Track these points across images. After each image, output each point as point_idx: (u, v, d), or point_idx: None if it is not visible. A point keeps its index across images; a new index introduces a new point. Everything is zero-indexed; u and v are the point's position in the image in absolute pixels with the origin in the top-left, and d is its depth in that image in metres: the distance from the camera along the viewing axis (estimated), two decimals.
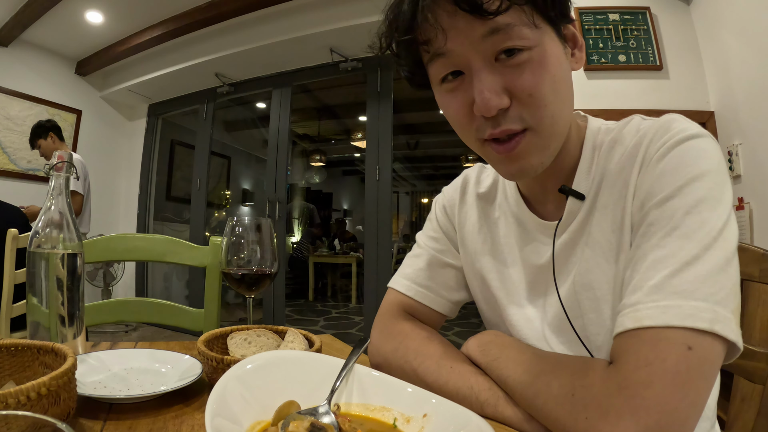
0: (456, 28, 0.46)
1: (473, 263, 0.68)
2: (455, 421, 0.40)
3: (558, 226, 0.56)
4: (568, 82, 0.51)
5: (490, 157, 0.53)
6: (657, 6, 2.17)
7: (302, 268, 6.37)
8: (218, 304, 1.09)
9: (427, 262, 0.71)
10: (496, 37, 0.46)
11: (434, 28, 0.47)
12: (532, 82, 0.47)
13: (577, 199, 0.54)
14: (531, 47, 0.46)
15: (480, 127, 0.50)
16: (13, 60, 3.69)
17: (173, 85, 4.12)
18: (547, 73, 0.47)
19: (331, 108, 5.97)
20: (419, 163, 8.89)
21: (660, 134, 0.49)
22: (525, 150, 0.49)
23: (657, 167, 0.47)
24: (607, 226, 0.52)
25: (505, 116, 0.48)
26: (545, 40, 0.47)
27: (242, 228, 0.74)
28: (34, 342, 0.48)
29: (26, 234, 1.19)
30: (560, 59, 0.49)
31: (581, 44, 0.53)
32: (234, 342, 0.61)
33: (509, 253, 0.64)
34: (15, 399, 0.35)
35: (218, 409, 0.35)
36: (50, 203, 0.59)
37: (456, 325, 4.59)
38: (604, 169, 0.54)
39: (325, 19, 3.09)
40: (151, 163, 4.55)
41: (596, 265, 0.53)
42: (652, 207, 0.46)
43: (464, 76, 0.49)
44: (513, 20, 0.45)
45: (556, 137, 0.51)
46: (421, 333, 0.64)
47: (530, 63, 0.46)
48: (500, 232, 0.65)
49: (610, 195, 0.52)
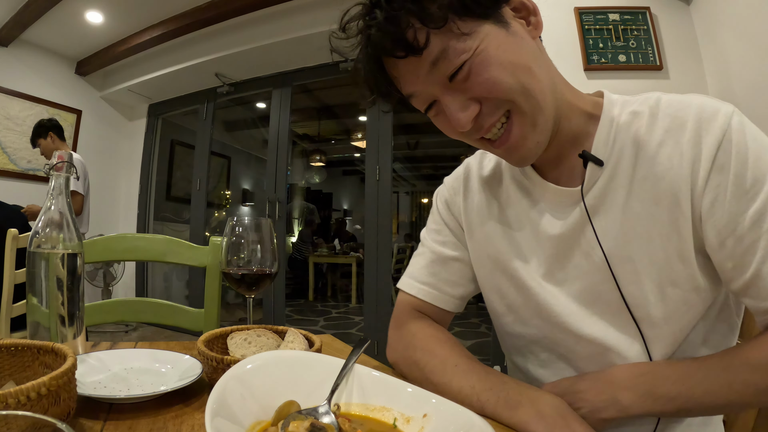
0: (404, 72, 0.52)
1: (485, 249, 0.67)
2: (455, 422, 0.40)
3: (582, 191, 0.55)
4: (527, 54, 0.52)
5: (493, 152, 0.57)
6: (657, 6, 2.17)
7: (302, 268, 6.37)
8: (218, 304, 1.09)
9: (429, 259, 0.71)
10: (439, 66, 0.50)
11: (389, 82, 0.55)
12: (483, 81, 0.49)
13: (596, 166, 0.54)
14: (468, 59, 0.49)
15: (470, 133, 0.54)
16: (13, 60, 3.69)
17: (173, 85, 4.11)
18: (492, 65, 0.49)
19: (331, 108, 5.97)
20: (419, 163, 8.89)
21: (709, 120, 0.50)
22: (518, 136, 0.52)
23: (738, 157, 0.48)
24: (648, 198, 0.52)
25: (482, 115, 0.52)
26: (479, 40, 0.49)
27: (242, 228, 0.74)
28: (34, 342, 0.48)
29: (26, 234, 1.19)
30: (505, 44, 0.50)
31: (532, 7, 0.54)
32: (234, 342, 0.61)
33: (524, 230, 0.63)
34: (15, 399, 0.35)
35: (218, 409, 0.35)
36: (50, 203, 0.59)
37: (456, 325, 4.58)
38: (634, 141, 0.54)
39: (325, 19, 3.08)
40: (151, 163, 4.55)
41: (636, 237, 0.53)
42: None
43: (438, 102, 0.54)
44: (443, 44, 0.49)
45: (540, 109, 0.52)
46: (427, 332, 0.65)
47: (473, 69, 0.49)
48: (512, 210, 0.65)
49: (651, 168, 0.52)
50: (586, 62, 2.13)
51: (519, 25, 0.53)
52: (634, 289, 0.53)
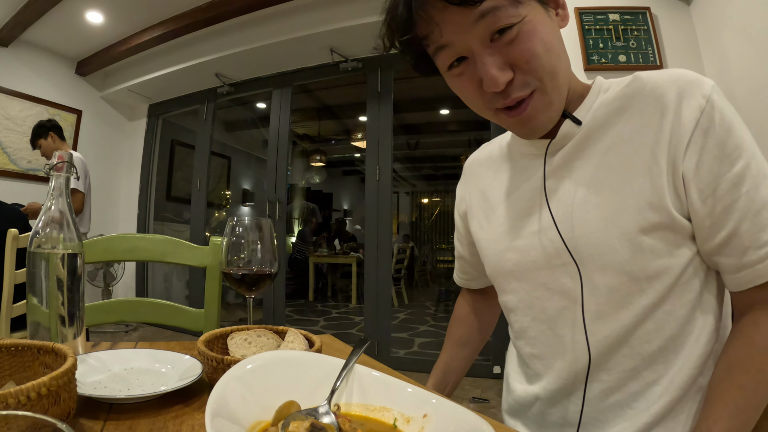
0: (449, 20, 0.52)
1: (479, 224, 0.73)
2: (455, 422, 0.40)
3: (551, 143, 0.61)
4: (557, 39, 0.56)
5: (504, 123, 0.59)
6: (657, 6, 2.17)
7: (302, 268, 6.37)
8: (218, 305, 1.09)
9: (458, 254, 0.86)
10: (485, 20, 0.51)
11: (429, 24, 0.53)
12: (526, 50, 0.52)
13: (574, 124, 0.59)
14: (517, 22, 0.51)
15: (492, 99, 0.55)
16: (14, 60, 3.69)
17: (173, 85, 4.11)
18: (537, 38, 0.52)
19: (332, 108, 5.97)
20: (419, 163, 8.89)
21: (692, 84, 0.53)
22: (534, 110, 0.55)
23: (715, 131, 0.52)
24: (623, 152, 0.56)
25: (512, 86, 0.53)
26: (528, 11, 0.52)
27: (242, 228, 0.74)
28: (34, 342, 0.48)
29: (26, 234, 1.19)
30: (545, 23, 0.54)
31: (563, 3, 0.58)
32: (234, 342, 0.61)
33: (501, 191, 0.69)
34: (15, 399, 0.35)
35: (218, 410, 0.35)
36: (50, 203, 0.59)
37: None
38: (615, 105, 0.58)
39: (326, 19, 3.09)
40: (151, 163, 4.55)
41: (608, 186, 0.56)
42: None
43: (468, 60, 0.54)
44: (496, 3, 0.50)
45: (558, 91, 0.56)
46: (454, 314, 0.89)
47: (520, 35, 0.52)
48: (498, 177, 0.71)
49: (628, 125, 0.56)
50: (586, 62, 2.13)
51: (552, 13, 0.56)
52: (601, 235, 0.55)
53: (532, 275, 0.62)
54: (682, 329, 0.55)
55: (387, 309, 3.23)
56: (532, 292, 0.63)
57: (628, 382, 0.57)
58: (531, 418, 0.66)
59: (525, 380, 0.68)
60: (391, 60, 3.31)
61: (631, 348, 0.56)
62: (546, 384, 0.63)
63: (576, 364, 0.59)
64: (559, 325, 0.60)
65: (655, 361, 0.55)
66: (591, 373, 0.58)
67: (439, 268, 9.35)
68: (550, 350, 0.62)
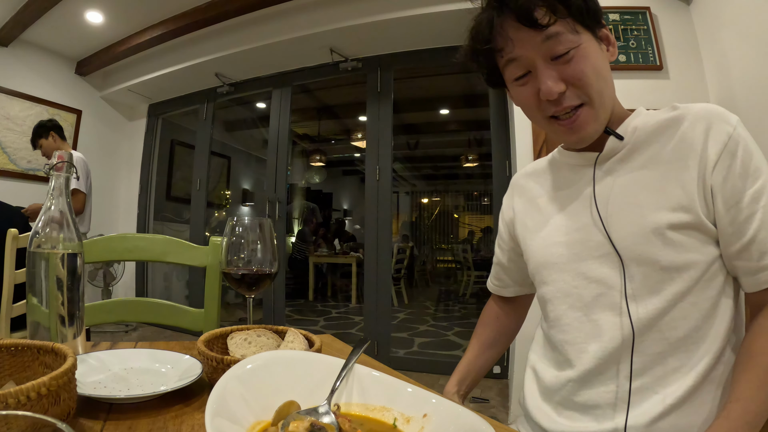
0: (520, 38, 0.64)
1: (525, 227, 0.82)
2: (455, 422, 0.40)
3: (599, 156, 0.71)
4: (605, 67, 0.67)
5: (555, 131, 0.70)
6: (657, 6, 2.16)
7: (302, 268, 6.37)
8: (218, 304, 1.09)
9: (496, 258, 0.93)
10: (549, 42, 0.63)
11: (505, 39, 0.65)
12: (579, 70, 0.64)
13: (617, 139, 0.69)
14: (574, 47, 0.63)
15: (546, 107, 0.67)
16: (13, 60, 3.69)
17: (173, 85, 4.11)
18: (588, 62, 0.64)
19: (331, 108, 5.97)
20: (419, 163, 8.89)
21: (720, 116, 0.64)
22: (583, 121, 0.66)
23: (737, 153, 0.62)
24: (661, 162, 0.66)
25: (564, 97, 0.65)
26: (584, 40, 0.64)
27: (242, 228, 0.74)
28: (34, 342, 0.48)
29: (26, 234, 1.19)
30: (597, 52, 0.66)
31: (613, 42, 0.70)
32: (234, 342, 0.61)
33: (549, 196, 0.79)
34: (15, 399, 0.35)
35: (218, 409, 0.35)
36: (50, 203, 0.59)
37: (456, 325, 4.59)
38: (654, 127, 0.68)
39: (325, 19, 3.09)
40: (151, 163, 4.55)
41: (647, 188, 0.66)
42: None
43: (531, 74, 0.67)
44: (560, 29, 0.63)
45: (604, 108, 0.67)
46: (481, 317, 0.95)
47: (575, 58, 0.64)
48: (545, 185, 0.81)
49: (667, 143, 0.66)
50: None
51: (604, 47, 0.69)
52: (639, 229, 0.65)
53: (573, 266, 0.71)
54: (704, 321, 0.63)
55: (387, 309, 3.23)
56: (571, 281, 0.71)
57: (654, 366, 0.64)
58: (558, 401, 0.72)
59: (555, 367, 0.74)
60: (390, 60, 3.32)
61: (660, 332, 0.63)
62: (579, 366, 0.69)
63: (611, 343, 0.65)
64: (594, 310, 0.68)
65: (679, 348, 0.63)
66: (624, 355, 0.65)
67: (438, 268, 9.36)
68: (584, 335, 0.69)
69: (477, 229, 9.61)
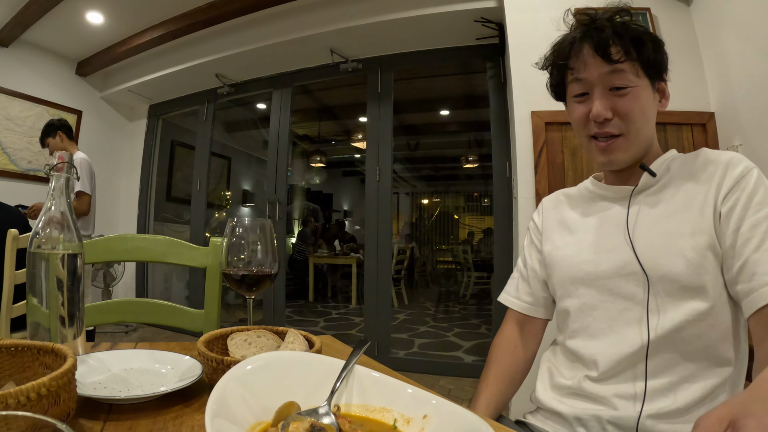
0: (591, 63, 0.75)
1: (554, 245, 0.87)
2: (455, 422, 0.40)
3: (634, 190, 0.79)
4: (652, 112, 0.77)
5: (591, 149, 0.80)
6: (657, 6, 2.17)
7: (302, 268, 6.37)
8: (218, 305, 1.09)
9: (519, 274, 0.95)
10: (613, 75, 0.73)
11: (579, 61, 0.76)
12: (628, 106, 0.74)
13: (650, 176, 0.77)
14: (632, 87, 0.74)
15: (590, 127, 0.77)
16: (14, 60, 3.70)
17: (174, 86, 4.12)
18: (638, 103, 0.74)
19: (332, 109, 5.97)
20: (419, 163, 8.90)
21: (737, 161, 0.72)
22: (616, 148, 0.76)
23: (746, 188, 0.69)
24: (685, 200, 0.73)
25: (608, 124, 0.75)
26: (642, 84, 0.74)
27: (242, 229, 0.74)
28: (34, 342, 0.48)
29: (26, 234, 1.19)
30: (649, 98, 0.76)
31: (668, 96, 0.80)
32: (234, 343, 0.61)
33: (581, 219, 0.85)
34: (15, 399, 0.35)
35: (218, 410, 0.35)
36: (51, 204, 0.59)
37: (456, 326, 4.59)
38: (682, 168, 0.77)
39: (326, 20, 3.09)
40: (151, 164, 4.55)
41: (674, 219, 0.73)
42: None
43: (588, 96, 0.77)
44: (625, 68, 0.73)
45: (638, 144, 0.76)
46: (499, 342, 0.92)
47: (629, 95, 0.74)
48: (576, 210, 0.88)
49: (690, 185, 0.75)
50: None
51: (658, 97, 0.78)
52: (663, 251, 0.71)
53: (600, 282, 0.77)
54: (716, 344, 0.69)
55: (387, 310, 3.23)
56: (597, 296, 0.77)
57: (666, 371, 0.69)
58: (572, 392, 0.77)
59: (571, 369, 0.79)
60: (391, 61, 3.32)
61: (675, 345, 0.69)
62: (597, 369, 0.74)
63: (629, 348, 0.71)
64: (618, 322, 0.74)
65: (689, 359, 0.69)
66: (639, 359, 0.70)
67: (439, 268, 9.36)
68: (605, 345, 0.74)
69: (477, 230, 9.61)
